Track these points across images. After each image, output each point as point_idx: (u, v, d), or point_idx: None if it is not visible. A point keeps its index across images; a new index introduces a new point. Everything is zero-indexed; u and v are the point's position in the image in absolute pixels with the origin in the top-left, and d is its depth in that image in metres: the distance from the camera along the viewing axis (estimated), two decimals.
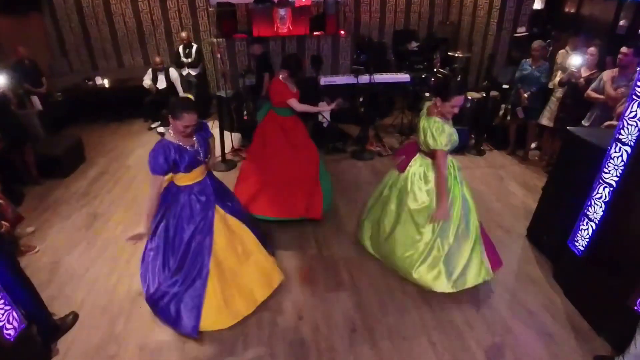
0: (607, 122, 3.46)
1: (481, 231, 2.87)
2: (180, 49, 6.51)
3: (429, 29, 8.02)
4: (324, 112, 5.20)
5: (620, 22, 5.64)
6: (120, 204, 4.14)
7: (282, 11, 6.30)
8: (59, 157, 4.68)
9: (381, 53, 7.34)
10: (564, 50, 4.75)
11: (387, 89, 5.81)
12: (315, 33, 6.57)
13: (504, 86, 5.46)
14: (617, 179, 2.42)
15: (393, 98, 6.45)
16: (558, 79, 4.43)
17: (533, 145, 5.14)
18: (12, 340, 2.12)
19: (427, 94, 5.52)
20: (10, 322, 2.12)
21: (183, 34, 6.47)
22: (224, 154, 4.91)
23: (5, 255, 2.29)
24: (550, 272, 3.07)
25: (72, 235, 3.64)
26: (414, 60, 6.95)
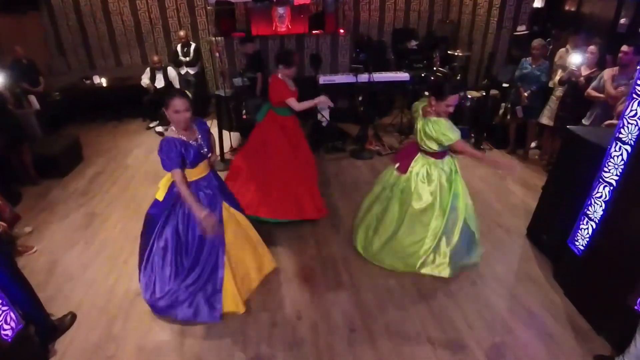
0: (607, 121, 3.45)
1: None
2: (179, 48, 6.48)
3: (428, 27, 7.99)
4: (324, 111, 5.18)
5: (621, 21, 5.63)
6: (118, 204, 4.12)
7: (281, 10, 6.28)
8: (57, 157, 4.66)
9: (380, 52, 7.31)
10: (563, 49, 4.74)
11: (387, 87, 5.77)
12: (314, 32, 6.56)
13: (504, 85, 5.43)
14: (617, 178, 2.41)
15: (392, 97, 6.43)
16: (558, 77, 4.42)
17: (533, 145, 5.13)
18: (9, 340, 2.10)
19: (426, 93, 5.49)
20: (8, 323, 2.11)
21: (181, 33, 6.44)
22: (222, 153, 4.91)
23: (2, 256, 2.28)
24: (550, 271, 3.06)
25: (70, 235, 3.63)
26: (413, 59, 6.91)
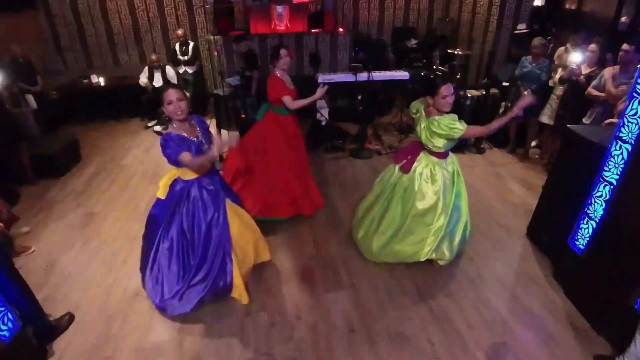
0: (607, 120, 3.44)
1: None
2: (177, 47, 6.45)
3: (428, 26, 7.98)
4: (323, 110, 5.17)
5: (622, 19, 5.61)
6: (116, 204, 4.11)
7: (279, 8, 6.25)
8: (54, 156, 4.64)
9: (380, 50, 7.28)
10: (562, 48, 4.73)
11: (386, 86, 5.76)
12: (313, 30, 6.54)
13: (504, 84, 5.41)
14: (617, 177, 2.40)
15: (392, 96, 6.41)
16: (558, 76, 4.40)
17: (533, 144, 5.11)
18: (6, 341, 2.09)
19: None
20: (5, 324, 2.09)
21: (179, 32, 6.40)
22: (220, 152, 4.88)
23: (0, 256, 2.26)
24: (550, 271, 3.05)
25: (68, 235, 3.61)
26: (413, 57, 6.88)
